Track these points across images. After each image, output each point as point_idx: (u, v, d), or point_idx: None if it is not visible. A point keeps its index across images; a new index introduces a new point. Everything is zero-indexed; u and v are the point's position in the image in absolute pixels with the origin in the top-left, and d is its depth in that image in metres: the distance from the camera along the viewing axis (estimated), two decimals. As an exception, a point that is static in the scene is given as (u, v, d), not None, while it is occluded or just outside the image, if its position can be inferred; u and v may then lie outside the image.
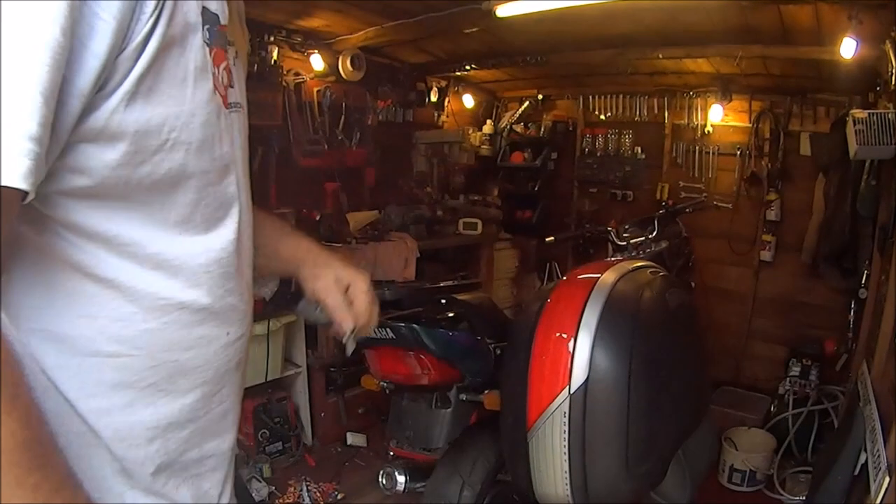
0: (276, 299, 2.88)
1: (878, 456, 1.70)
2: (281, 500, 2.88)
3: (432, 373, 1.85)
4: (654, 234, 3.11)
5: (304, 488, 2.94)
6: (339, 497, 2.95)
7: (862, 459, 1.96)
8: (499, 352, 1.79)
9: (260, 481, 2.93)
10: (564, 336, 1.47)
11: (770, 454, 3.08)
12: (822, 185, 3.43)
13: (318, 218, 3.07)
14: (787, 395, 3.35)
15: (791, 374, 3.41)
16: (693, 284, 3.63)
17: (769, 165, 3.80)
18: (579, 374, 1.43)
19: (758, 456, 3.03)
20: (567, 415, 1.42)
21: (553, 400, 1.44)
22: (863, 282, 3.00)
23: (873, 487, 1.62)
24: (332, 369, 3.34)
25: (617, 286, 1.55)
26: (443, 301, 1.89)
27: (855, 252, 3.25)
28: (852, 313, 3.16)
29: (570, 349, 1.45)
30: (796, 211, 3.72)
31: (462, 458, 1.92)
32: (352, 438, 3.49)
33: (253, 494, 2.84)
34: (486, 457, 1.90)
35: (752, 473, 3.01)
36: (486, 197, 4.62)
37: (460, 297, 1.90)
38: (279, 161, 3.38)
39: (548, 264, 4.94)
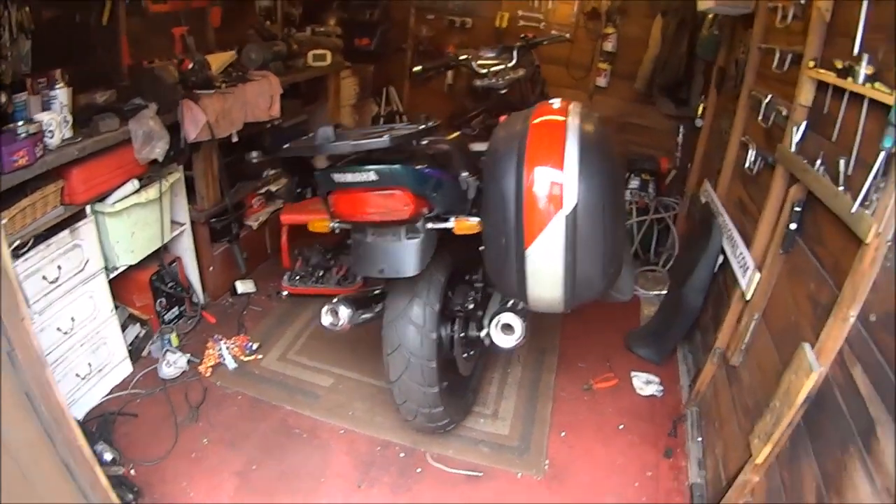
0: (171, 154, 2.63)
1: (743, 257, 2.24)
2: (204, 366, 2.80)
3: (411, 207, 1.94)
4: (513, 63, 3.35)
5: (223, 348, 2.89)
6: (254, 347, 2.96)
7: (720, 260, 2.62)
8: (479, 184, 2.03)
9: (175, 353, 2.80)
10: (553, 169, 1.78)
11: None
12: (660, 24, 3.83)
13: (189, 67, 2.74)
14: (629, 205, 3.86)
15: (631, 186, 3.95)
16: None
17: (610, 2, 4.08)
18: (569, 200, 1.77)
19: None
20: (564, 232, 1.77)
21: (551, 221, 1.77)
22: (699, 113, 3.53)
23: (743, 281, 2.18)
24: (213, 220, 3.22)
25: (584, 128, 1.85)
26: (421, 143, 2.01)
27: (689, 86, 3.80)
28: (681, 136, 3.70)
29: (561, 180, 1.77)
30: (632, 45, 4.11)
31: (417, 284, 2.14)
32: (241, 286, 3.48)
33: (171, 368, 2.73)
34: (437, 278, 2.17)
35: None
36: (325, 27, 4.37)
37: (438, 140, 2.04)
38: (129, 11, 2.85)
39: (385, 89, 5.00)
